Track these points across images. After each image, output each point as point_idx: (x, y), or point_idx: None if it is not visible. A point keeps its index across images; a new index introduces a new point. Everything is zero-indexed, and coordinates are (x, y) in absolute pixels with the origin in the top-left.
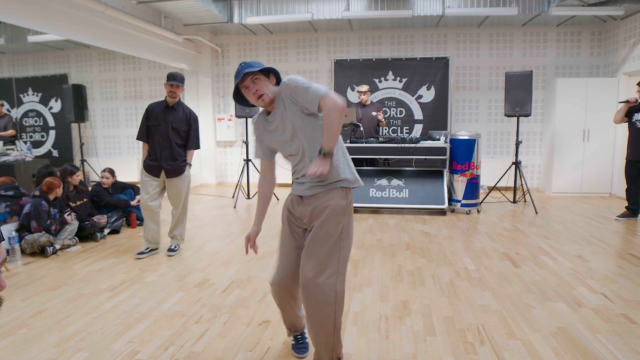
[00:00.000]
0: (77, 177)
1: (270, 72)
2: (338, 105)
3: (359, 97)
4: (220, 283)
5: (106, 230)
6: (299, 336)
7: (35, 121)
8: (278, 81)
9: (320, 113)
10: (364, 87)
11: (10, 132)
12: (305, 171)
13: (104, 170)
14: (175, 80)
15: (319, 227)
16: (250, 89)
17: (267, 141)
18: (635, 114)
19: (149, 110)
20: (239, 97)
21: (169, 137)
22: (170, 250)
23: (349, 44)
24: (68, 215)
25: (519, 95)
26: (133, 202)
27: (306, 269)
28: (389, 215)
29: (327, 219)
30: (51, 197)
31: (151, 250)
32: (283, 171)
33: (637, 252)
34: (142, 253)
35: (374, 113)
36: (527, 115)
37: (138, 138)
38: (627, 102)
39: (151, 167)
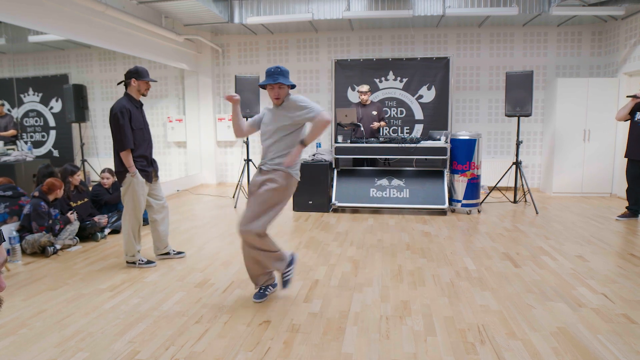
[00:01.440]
0: (78, 177)
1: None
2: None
3: (359, 97)
4: (221, 283)
5: (107, 230)
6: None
7: (36, 121)
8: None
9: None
10: (365, 87)
11: (12, 132)
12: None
13: (103, 171)
14: (149, 76)
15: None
16: (274, 91)
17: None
18: (638, 112)
19: (130, 113)
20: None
21: (151, 138)
22: (180, 253)
23: (349, 44)
24: (71, 214)
25: (519, 95)
26: None
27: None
28: (389, 215)
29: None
30: (51, 197)
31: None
32: None
33: (637, 252)
34: (150, 262)
35: (374, 112)
36: (528, 115)
37: (129, 146)
38: (635, 96)
39: (149, 173)
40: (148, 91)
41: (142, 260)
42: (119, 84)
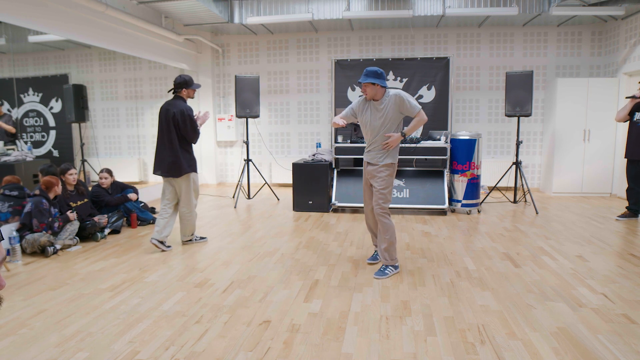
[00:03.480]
0: (71, 176)
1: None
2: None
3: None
4: (221, 283)
5: (107, 230)
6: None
7: (36, 121)
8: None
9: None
10: None
11: (10, 127)
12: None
13: (101, 171)
14: (194, 83)
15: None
16: (364, 89)
17: (360, 115)
18: (637, 112)
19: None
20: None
21: None
22: (202, 238)
23: (349, 44)
24: (71, 212)
25: (519, 95)
26: (130, 195)
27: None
28: None
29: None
30: (51, 195)
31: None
32: (282, 171)
33: (637, 252)
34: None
35: None
36: (528, 116)
37: (199, 136)
38: (633, 97)
39: None
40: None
41: (197, 237)
42: (169, 91)
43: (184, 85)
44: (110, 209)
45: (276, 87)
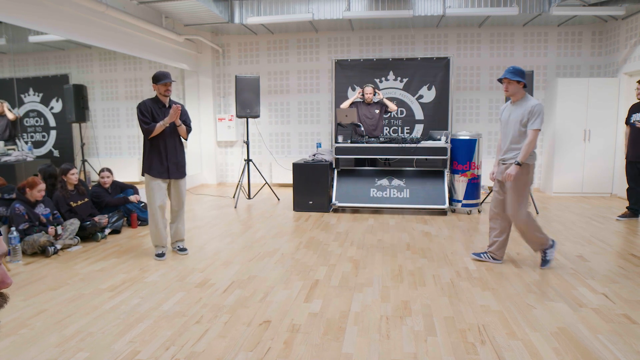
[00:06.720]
0: (73, 176)
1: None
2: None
3: (363, 96)
4: (221, 283)
5: (107, 230)
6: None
7: (36, 121)
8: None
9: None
10: (370, 88)
11: (13, 115)
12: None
13: (102, 170)
14: (165, 78)
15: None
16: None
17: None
18: (634, 114)
19: (151, 110)
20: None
21: (173, 139)
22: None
23: (349, 44)
24: (52, 228)
25: None
26: (131, 198)
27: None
28: (389, 216)
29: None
30: (30, 197)
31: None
32: (283, 171)
33: (638, 252)
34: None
35: (376, 110)
36: None
37: (146, 135)
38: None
39: (162, 170)
40: (169, 92)
41: (159, 252)
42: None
43: (152, 80)
44: (110, 209)
45: (276, 87)
